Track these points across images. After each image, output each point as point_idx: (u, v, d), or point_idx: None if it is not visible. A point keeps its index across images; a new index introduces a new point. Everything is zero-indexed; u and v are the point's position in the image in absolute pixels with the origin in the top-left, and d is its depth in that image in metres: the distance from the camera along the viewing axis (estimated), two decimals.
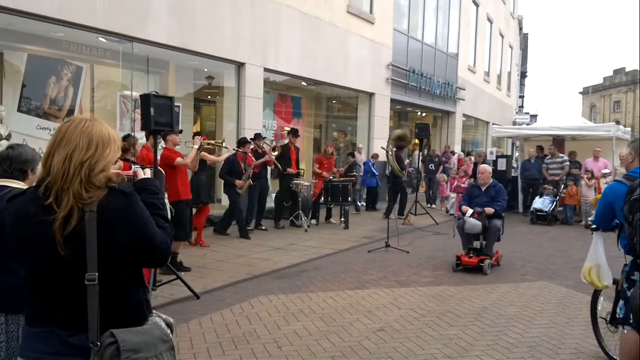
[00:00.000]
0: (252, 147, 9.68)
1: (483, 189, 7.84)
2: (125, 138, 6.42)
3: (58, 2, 7.51)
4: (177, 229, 6.92)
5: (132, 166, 6.09)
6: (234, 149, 9.12)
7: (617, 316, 3.89)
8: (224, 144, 8.64)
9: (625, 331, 3.70)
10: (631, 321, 3.63)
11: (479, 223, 7.46)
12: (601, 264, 4.00)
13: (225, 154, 8.88)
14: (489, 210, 7.53)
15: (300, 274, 7.17)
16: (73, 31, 8.17)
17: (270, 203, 11.39)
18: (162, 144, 6.75)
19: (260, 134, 10.25)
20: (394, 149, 12.49)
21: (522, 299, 6.24)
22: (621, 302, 3.79)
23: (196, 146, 7.13)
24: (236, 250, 8.20)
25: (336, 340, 4.75)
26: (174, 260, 7.01)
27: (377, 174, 13.98)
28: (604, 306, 4.49)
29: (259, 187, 10.01)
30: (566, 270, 7.78)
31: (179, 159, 6.84)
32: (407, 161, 13.42)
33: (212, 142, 8.78)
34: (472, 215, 7.52)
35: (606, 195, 3.78)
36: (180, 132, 7.59)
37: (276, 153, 10.29)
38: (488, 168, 8.13)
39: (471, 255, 7.55)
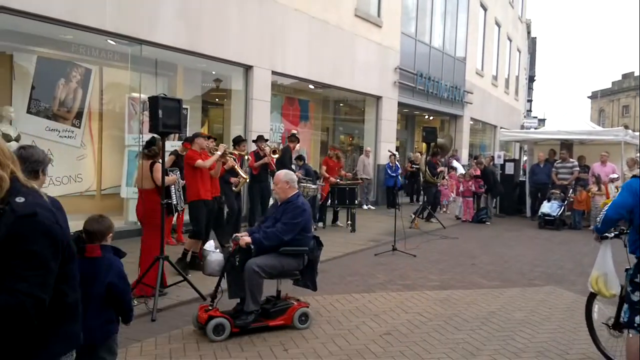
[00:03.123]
0: (254, 149, 9.70)
1: (279, 205, 5.28)
2: (154, 142, 6.26)
3: (68, 4, 7.57)
4: (194, 227, 7.06)
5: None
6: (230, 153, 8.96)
7: (622, 320, 3.86)
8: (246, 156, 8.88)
9: (631, 335, 3.68)
10: (636, 324, 3.61)
11: (217, 260, 5.03)
12: (609, 272, 3.98)
13: (214, 157, 7.61)
14: (244, 240, 4.88)
15: None
16: (82, 34, 8.23)
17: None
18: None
19: (262, 136, 10.15)
20: (428, 156, 12.69)
21: (530, 303, 6.21)
22: (625, 306, 3.78)
23: (219, 152, 7.23)
24: None
25: (342, 344, 4.74)
26: (193, 258, 7.07)
27: (394, 174, 14.18)
28: (601, 313, 4.50)
29: (260, 191, 9.86)
30: (574, 275, 7.73)
31: (199, 161, 6.93)
32: (440, 168, 13.46)
33: (235, 152, 8.62)
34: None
35: (631, 187, 3.73)
36: (209, 138, 7.72)
37: (277, 156, 10.19)
38: (283, 176, 5.22)
39: (210, 307, 4.84)
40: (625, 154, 13.34)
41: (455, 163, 16.93)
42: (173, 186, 6.20)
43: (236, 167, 8.01)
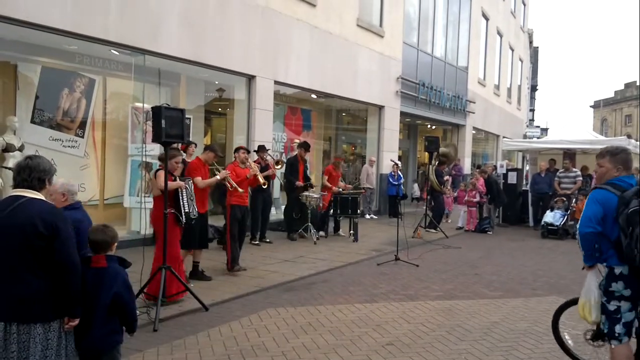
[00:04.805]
0: (255, 159, 9.73)
1: None
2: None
3: (71, 15, 7.63)
4: (186, 236, 7.05)
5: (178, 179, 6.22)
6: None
7: (602, 331, 3.83)
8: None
9: (613, 346, 3.68)
10: (617, 334, 3.62)
11: None
12: (593, 299, 3.89)
13: (212, 180, 7.51)
14: None
15: (309, 287, 7.15)
16: (86, 44, 8.28)
17: (279, 215, 11.38)
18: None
19: (263, 146, 10.18)
20: (435, 164, 12.73)
21: (533, 313, 6.18)
22: (603, 317, 3.76)
23: (219, 177, 7.29)
24: (245, 263, 8.19)
25: (345, 354, 4.73)
26: (196, 269, 7.08)
27: (396, 183, 14.26)
28: (572, 335, 4.68)
29: (262, 201, 9.88)
30: (577, 285, 7.65)
31: (197, 179, 7.01)
32: (446, 177, 13.52)
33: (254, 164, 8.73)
34: None
35: (597, 200, 3.68)
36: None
37: (279, 166, 10.19)
38: (59, 186, 4.03)
39: None
40: None
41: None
42: (184, 194, 6.21)
43: (258, 175, 8.20)
